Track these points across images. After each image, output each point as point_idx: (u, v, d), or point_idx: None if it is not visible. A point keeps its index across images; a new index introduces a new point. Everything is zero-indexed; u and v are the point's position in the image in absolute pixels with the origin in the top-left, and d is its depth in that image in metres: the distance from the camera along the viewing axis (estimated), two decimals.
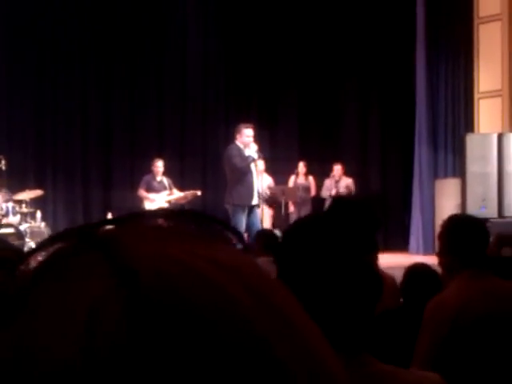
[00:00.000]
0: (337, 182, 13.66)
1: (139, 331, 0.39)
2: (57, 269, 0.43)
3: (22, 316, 0.41)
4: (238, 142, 10.22)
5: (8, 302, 0.43)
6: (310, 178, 13.85)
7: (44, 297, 0.42)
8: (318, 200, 13.80)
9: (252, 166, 10.15)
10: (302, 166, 13.84)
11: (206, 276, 0.42)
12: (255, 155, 10.15)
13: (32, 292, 0.42)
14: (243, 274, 0.44)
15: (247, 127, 10.30)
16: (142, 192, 12.66)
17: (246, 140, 10.16)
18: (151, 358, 0.38)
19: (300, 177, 13.81)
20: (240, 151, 10.12)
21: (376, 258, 3.46)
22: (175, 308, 0.40)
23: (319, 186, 13.87)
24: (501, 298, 3.14)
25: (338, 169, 13.76)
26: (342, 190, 13.59)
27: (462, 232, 3.29)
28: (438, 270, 3.74)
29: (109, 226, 0.46)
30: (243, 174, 10.06)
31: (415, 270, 4.08)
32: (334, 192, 13.51)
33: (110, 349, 0.38)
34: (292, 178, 13.75)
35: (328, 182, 13.73)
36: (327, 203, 13.55)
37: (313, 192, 13.82)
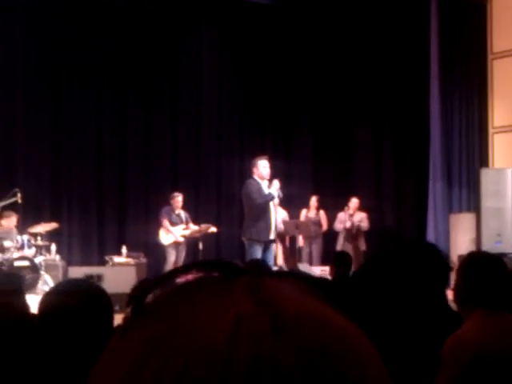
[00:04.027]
0: (351, 215, 13.62)
1: (281, 347, 0.49)
2: (206, 285, 0.55)
3: (177, 310, 0.53)
4: (256, 176, 10.20)
5: (167, 299, 0.55)
6: (322, 212, 13.81)
7: (196, 301, 0.53)
8: (330, 233, 13.79)
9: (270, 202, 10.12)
10: (314, 200, 13.83)
11: (324, 316, 0.53)
12: (275, 193, 10.09)
13: (185, 296, 0.54)
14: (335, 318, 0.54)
15: (262, 159, 10.30)
16: (166, 223, 12.68)
17: (263, 171, 10.14)
18: (285, 372, 0.48)
19: (311, 211, 13.79)
20: (258, 186, 10.08)
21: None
22: (307, 338, 0.50)
23: (331, 220, 13.83)
24: None
25: (354, 202, 13.72)
26: (357, 223, 13.57)
27: (480, 270, 3.28)
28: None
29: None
30: (261, 210, 10.00)
31: None
32: (348, 224, 13.48)
33: (250, 353, 0.48)
34: (303, 212, 13.73)
35: (341, 215, 13.69)
36: (340, 236, 13.56)
37: (324, 226, 13.78)
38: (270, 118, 15.72)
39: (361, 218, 13.64)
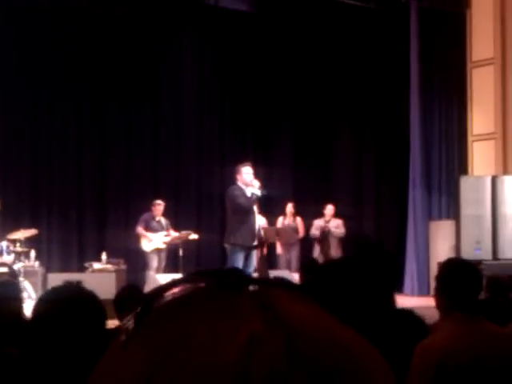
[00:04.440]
0: (327, 222, 13.65)
1: (297, 368, 0.47)
2: (208, 296, 0.52)
3: (181, 323, 0.50)
4: (239, 183, 10.26)
5: (169, 312, 0.53)
6: (298, 218, 13.78)
7: (203, 315, 0.50)
8: (308, 240, 13.79)
9: (254, 205, 10.18)
10: (290, 207, 13.81)
11: (336, 336, 0.52)
12: (258, 192, 10.17)
13: (189, 312, 0.51)
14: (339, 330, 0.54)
15: (245, 165, 10.40)
16: (141, 230, 12.67)
17: (246, 178, 10.20)
18: None
19: (288, 218, 13.76)
20: (242, 191, 10.15)
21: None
22: (322, 363, 0.49)
23: (308, 227, 13.81)
24: (490, 342, 3.15)
25: (330, 208, 13.74)
26: (334, 229, 13.58)
27: (456, 276, 3.32)
28: (429, 312, 3.76)
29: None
30: (246, 214, 10.08)
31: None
32: (324, 230, 13.52)
33: (266, 378, 0.46)
34: (280, 220, 13.71)
35: (318, 222, 13.71)
36: (316, 243, 13.59)
37: (301, 233, 13.75)
38: (251, 125, 15.75)
39: (337, 225, 13.67)
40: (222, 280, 0.54)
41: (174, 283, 0.55)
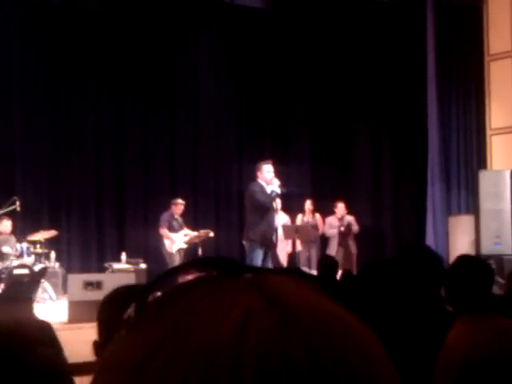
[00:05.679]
0: (340, 219, 13.65)
1: (291, 341, 0.49)
2: (208, 282, 0.55)
3: (180, 307, 0.53)
4: (260, 180, 10.26)
5: (169, 298, 0.55)
6: (317, 215, 13.77)
7: (200, 297, 0.53)
8: (326, 237, 13.79)
9: (273, 203, 10.17)
10: (308, 204, 13.79)
11: (332, 311, 0.53)
12: (278, 190, 10.16)
13: (193, 291, 0.54)
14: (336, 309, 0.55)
15: (266, 163, 10.38)
16: (165, 231, 12.66)
17: (267, 176, 10.19)
18: (298, 367, 0.48)
19: (307, 215, 13.75)
20: (262, 188, 10.15)
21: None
22: (315, 331, 0.50)
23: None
24: (508, 337, 3.12)
25: (341, 207, 13.72)
26: (350, 227, 13.61)
27: (467, 273, 3.28)
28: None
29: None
30: (265, 211, 10.06)
31: None
32: (341, 229, 13.52)
33: (260, 345, 0.48)
34: (299, 217, 13.71)
35: (331, 220, 13.70)
36: (333, 241, 13.58)
37: (321, 230, 13.76)
38: (268, 123, 15.73)
39: (349, 222, 13.67)
40: (219, 268, 0.58)
41: (171, 272, 0.60)
